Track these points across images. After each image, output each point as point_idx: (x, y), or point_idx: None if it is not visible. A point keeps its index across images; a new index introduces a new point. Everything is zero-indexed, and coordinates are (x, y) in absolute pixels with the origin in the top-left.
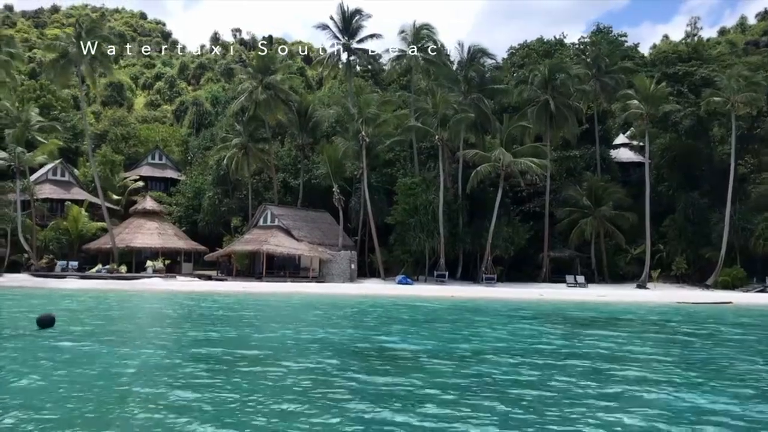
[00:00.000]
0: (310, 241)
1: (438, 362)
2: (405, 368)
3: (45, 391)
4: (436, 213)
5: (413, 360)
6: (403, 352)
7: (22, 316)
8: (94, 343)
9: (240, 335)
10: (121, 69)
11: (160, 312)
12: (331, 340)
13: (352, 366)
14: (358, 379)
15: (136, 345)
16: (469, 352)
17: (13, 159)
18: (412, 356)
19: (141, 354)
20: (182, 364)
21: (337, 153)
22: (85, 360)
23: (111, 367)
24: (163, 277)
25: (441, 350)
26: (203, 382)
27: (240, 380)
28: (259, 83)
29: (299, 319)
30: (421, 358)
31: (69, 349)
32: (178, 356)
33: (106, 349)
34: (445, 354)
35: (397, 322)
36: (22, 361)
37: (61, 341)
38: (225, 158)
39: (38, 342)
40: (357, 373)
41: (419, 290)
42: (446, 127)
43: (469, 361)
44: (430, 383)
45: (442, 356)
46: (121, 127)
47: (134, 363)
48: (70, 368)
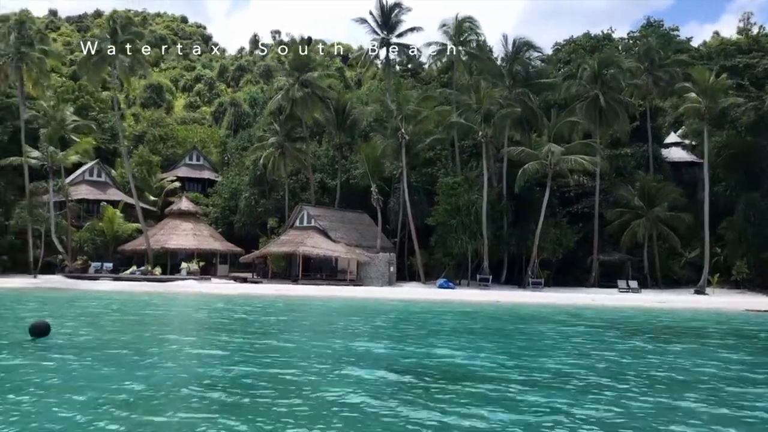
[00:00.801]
0: (347, 243)
1: (521, 388)
2: (482, 397)
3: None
4: (479, 214)
5: (488, 384)
6: (471, 372)
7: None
8: (93, 358)
9: (277, 348)
10: (161, 72)
11: (188, 317)
12: (384, 355)
13: (415, 391)
14: (428, 416)
15: (145, 361)
16: (554, 372)
17: (46, 158)
18: (484, 378)
19: (148, 374)
20: (201, 391)
21: (376, 151)
22: (69, 382)
23: (100, 394)
24: (197, 279)
25: (517, 369)
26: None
27: (266, 414)
28: (296, 81)
29: (342, 327)
30: (497, 380)
31: (54, 367)
32: (197, 379)
33: (106, 366)
34: (526, 375)
35: (450, 331)
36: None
37: (51, 354)
38: (261, 158)
39: (20, 355)
40: (426, 406)
41: (462, 295)
42: (490, 124)
43: (568, 389)
44: (527, 425)
45: (522, 378)
46: (159, 128)
47: (134, 388)
48: (41, 394)
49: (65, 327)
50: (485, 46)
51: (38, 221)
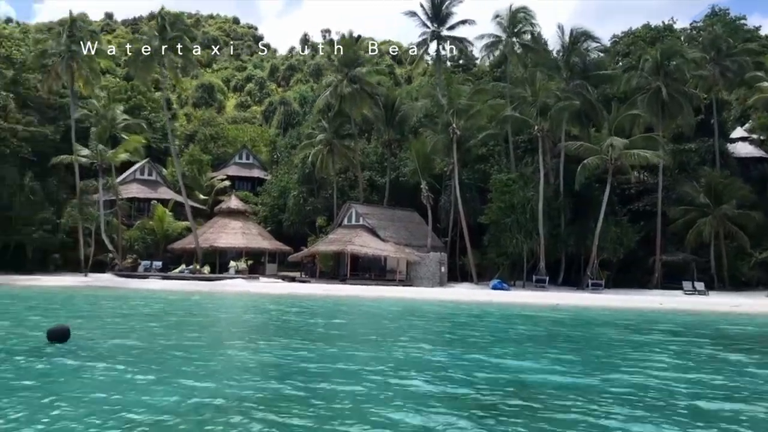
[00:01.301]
0: (396, 242)
1: (616, 412)
2: (573, 425)
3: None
4: (535, 211)
5: (574, 403)
6: (550, 389)
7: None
8: (108, 367)
9: (329, 356)
10: (213, 72)
11: (233, 319)
12: (448, 365)
13: (490, 411)
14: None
15: (177, 370)
16: (646, 390)
17: (95, 157)
18: (567, 397)
19: (172, 389)
20: (242, 409)
21: (426, 148)
22: (72, 397)
23: (106, 416)
24: (245, 278)
25: (603, 387)
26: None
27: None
28: (345, 77)
29: (398, 331)
30: (584, 400)
31: (64, 373)
32: (239, 394)
33: (129, 376)
34: (614, 394)
35: (514, 337)
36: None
37: (64, 361)
38: (310, 156)
39: (31, 362)
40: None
41: (518, 297)
42: (547, 117)
43: (672, 416)
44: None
45: (611, 399)
46: (210, 127)
47: (158, 404)
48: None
49: (98, 329)
50: (540, 38)
51: (88, 219)
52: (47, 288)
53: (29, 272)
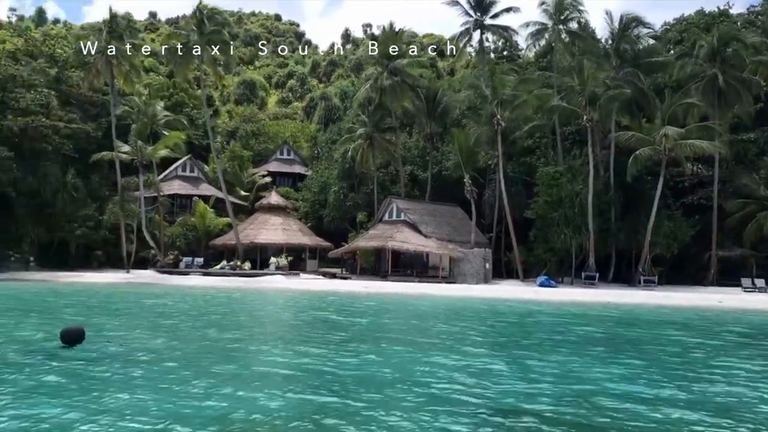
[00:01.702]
0: (438, 238)
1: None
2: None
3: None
4: (584, 205)
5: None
6: (638, 409)
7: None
8: (120, 372)
9: (373, 364)
10: (255, 69)
11: (271, 318)
12: (511, 375)
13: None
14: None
15: (194, 381)
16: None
17: (135, 153)
18: (662, 421)
19: (182, 404)
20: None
21: (469, 140)
22: (77, 405)
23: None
24: (285, 275)
25: (702, 409)
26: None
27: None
28: (385, 69)
29: (447, 333)
30: (690, 424)
31: (70, 381)
32: (272, 409)
33: (138, 385)
34: (720, 412)
35: (575, 340)
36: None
37: (73, 365)
38: (350, 150)
39: (36, 366)
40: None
41: (568, 294)
42: (596, 107)
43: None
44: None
45: (722, 418)
46: (251, 123)
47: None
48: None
49: (127, 328)
50: (588, 26)
51: (130, 216)
52: (89, 284)
53: (73, 269)
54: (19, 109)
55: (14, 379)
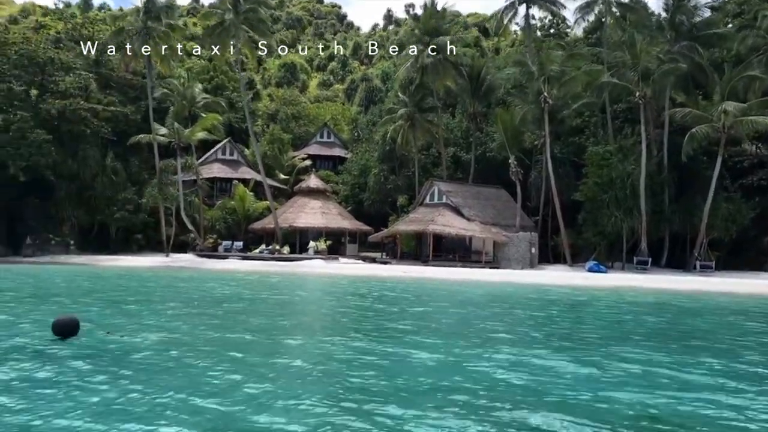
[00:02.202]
0: (482, 221)
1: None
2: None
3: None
4: (636, 187)
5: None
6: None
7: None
8: (111, 374)
9: (418, 366)
10: (297, 53)
11: (307, 305)
12: (576, 378)
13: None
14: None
15: (177, 387)
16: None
17: (173, 135)
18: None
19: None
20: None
21: (514, 120)
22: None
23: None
24: (324, 259)
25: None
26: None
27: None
28: (426, 46)
29: (498, 323)
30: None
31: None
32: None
33: (130, 389)
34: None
35: (643, 332)
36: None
37: (58, 365)
38: (390, 131)
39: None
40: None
41: (620, 280)
42: (649, 83)
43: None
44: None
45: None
46: (291, 106)
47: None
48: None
49: (142, 317)
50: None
51: (168, 199)
52: (126, 268)
53: (113, 252)
54: (57, 92)
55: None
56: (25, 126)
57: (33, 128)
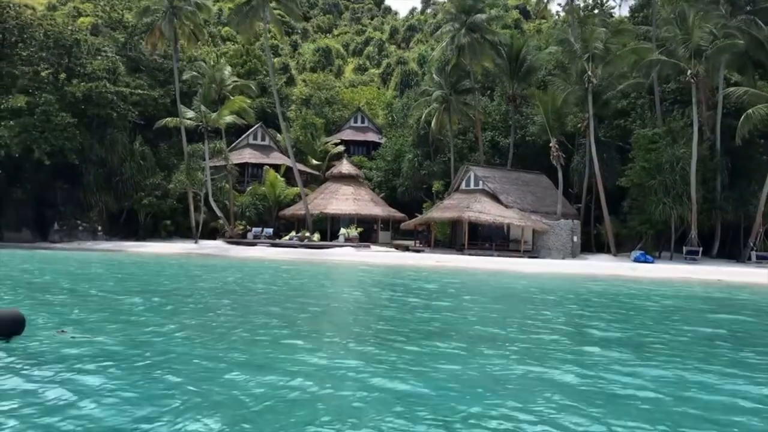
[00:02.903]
0: (521, 208)
1: None
2: None
3: None
4: (687, 172)
5: None
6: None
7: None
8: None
9: (461, 377)
10: (334, 38)
11: (324, 298)
12: (673, 400)
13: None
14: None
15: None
16: None
17: (200, 119)
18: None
19: None
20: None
21: (556, 101)
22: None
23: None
24: (355, 247)
25: None
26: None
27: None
28: (463, 25)
29: (558, 324)
30: None
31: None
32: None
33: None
34: None
35: (727, 339)
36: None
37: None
38: (424, 114)
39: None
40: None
41: (671, 271)
42: (701, 60)
43: None
44: None
45: None
46: (325, 90)
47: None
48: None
49: (123, 313)
50: None
51: (197, 185)
52: (149, 255)
53: (142, 239)
54: (84, 75)
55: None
56: (50, 109)
57: (58, 111)
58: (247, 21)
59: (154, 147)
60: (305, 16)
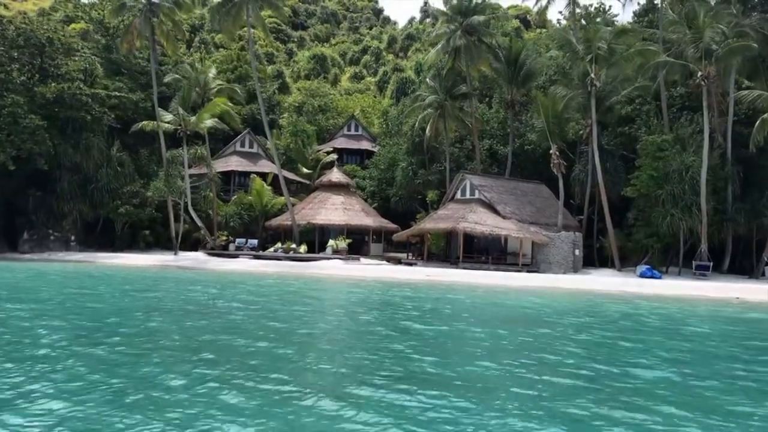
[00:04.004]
0: (519, 219)
1: None
2: None
3: None
4: (697, 181)
5: None
6: None
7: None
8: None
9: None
10: (331, 47)
11: (292, 324)
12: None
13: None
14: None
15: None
16: None
17: (178, 122)
18: None
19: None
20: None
21: (557, 106)
22: None
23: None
24: (343, 259)
25: None
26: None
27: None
28: (459, 27)
29: (583, 359)
30: None
31: None
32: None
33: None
34: None
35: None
36: None
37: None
38: (418, 120)
39: None
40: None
41: (681, 288)
42: (712, 61)
43: None
44: None
45: None
46: (318, 98)
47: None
48: None
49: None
50: None
51: (175, 192)
52: (118, 267)
53: (119, 249)
54: (58, 76)
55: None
56: (18, 111)
57: (27, 113)
58: (229, 19)
59: (134, 153)
60: (302, 25)
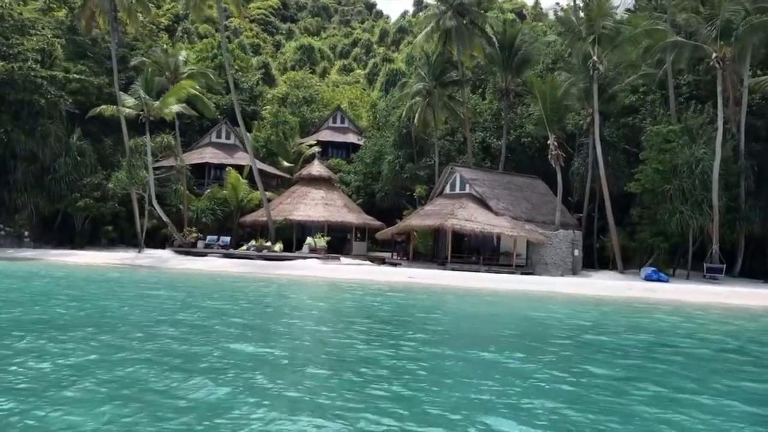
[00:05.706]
0: (513, 216)
1: None
2: None
3: None
4: (708, 176)
5: None
6: None
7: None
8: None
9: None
10: (322, 40)
11: (240, 344)
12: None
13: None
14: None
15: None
16: None
17: (140, 107)
18: None
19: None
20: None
21: (555, 92)
22: None
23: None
24: (321, 259)
25: None
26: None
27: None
28: (449, 7)
29: (592, 384)
30: None
31: None
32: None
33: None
34: None
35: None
36: None
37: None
38: (405, 109)
39: None
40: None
41: (693, 293)
42: (731, 41)
43: None
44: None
45: None
46: (304, 89)
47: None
48: None
49: None
50: None
51: (138, 185)
52: (71, 265)
53: (79, 246)
54: (9, 56)
55: None
56: None
57: None
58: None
59: (98, 142)
60: (292, 17)
